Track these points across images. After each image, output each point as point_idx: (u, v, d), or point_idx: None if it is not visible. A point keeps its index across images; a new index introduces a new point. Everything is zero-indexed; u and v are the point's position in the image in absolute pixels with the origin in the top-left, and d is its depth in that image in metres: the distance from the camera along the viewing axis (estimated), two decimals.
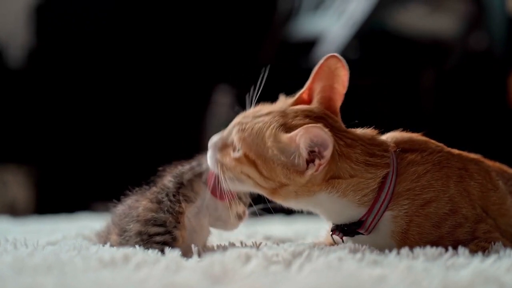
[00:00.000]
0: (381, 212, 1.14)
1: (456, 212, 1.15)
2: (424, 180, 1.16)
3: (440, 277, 0.90)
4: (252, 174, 1.14)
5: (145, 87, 4.12)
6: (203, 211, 1.24)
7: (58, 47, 4.09)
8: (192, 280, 0.88)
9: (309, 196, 1.15)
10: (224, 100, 4.03)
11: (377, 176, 1.14)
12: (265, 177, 1.14)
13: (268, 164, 1.13)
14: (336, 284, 0.86)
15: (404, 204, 1.14)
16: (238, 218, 1.26)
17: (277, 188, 1.15)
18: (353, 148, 1.15)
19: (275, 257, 1.04)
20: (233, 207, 1.23)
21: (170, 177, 1.25)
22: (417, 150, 1.19)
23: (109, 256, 1.04)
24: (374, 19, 3.31)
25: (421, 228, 1.14)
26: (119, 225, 1.25)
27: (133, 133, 4.06)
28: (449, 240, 1.14)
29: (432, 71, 3.49)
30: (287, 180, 1.13)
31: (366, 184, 1.14)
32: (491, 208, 1.21)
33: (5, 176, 3.94)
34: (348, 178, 1.13)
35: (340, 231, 1.19)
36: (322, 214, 1.21)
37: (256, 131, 1.15)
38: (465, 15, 3.41)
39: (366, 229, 1.16)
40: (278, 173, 1.13)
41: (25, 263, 1.00)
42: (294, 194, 1.15)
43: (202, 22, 4.16)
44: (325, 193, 1.14)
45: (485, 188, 1.21)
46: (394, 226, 1.15)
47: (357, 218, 1.16)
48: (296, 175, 1.12)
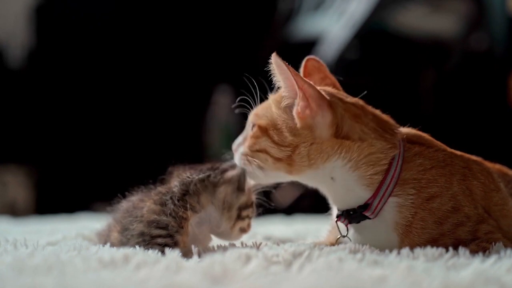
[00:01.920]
0: (388, 193, 1.16)
1: (459, 210, 1.16)
2: (429, 174, 1.17)
3: (441, 277, 0.90)
4: (267, 146, 1.20)
5: (145, 88, 4.12)
6: (206, 223, 1.24)
7: (58, 48, 4.10)
8: (192, 281, 0.88)
9: (322, 161, 1.17)
10: (224, 100, 4.03)
11: (388, 154, 1.17)
12: (276, 143, 1.19)
13: (276, 128, 1.20)
14: (336, 284, 0.85)
15: (410, 193, 1.16)
16: (241, 231, 1.26)
17: (291, 155, 1.18)
18: (365, 114, 1.21)
19: (275, 257, 1.04)
20: (237, 225, 1.24)
21: (177, 183, 1.24)
22: (423, 145, 1.22)
23: (109, 256, 1.03)
24: (374, 19, 3.31)
25: (425, 222, 1.15)
26: (121, 223, 1.25)
27: (133, 133, 4.06)
28: (450, 238, 1.15)
29: (432, 72, 3.48)
30: (294, 137, 1.18)
31: (377, 159, 1.17)
32: (494, 209, 1.21)
33: (5, 177, 3.94)
34: (357, 140, 1.17)
35: (345, 217, 1.21)
36: (332, 193, 1.22)
37: (265, 105, 1.26)
38: (466, 15, 3.40)
39: (373, 211, 1.17)
40: (285, 134, 1.19)
41: (25, 264, 1.00)
42: (307, 160, 1.17)
43: (202, 22, 4.16)
44: (337, 160, 1.16)
45: (488, 188, 1.22)
46: (399, 217, 1.16)
47: (363, 201, 1.18)
48: (301, 129, 1.17)
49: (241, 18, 4.22)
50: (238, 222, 1.24)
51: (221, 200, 1.23)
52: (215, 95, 4.11)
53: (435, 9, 3.40)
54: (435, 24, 3.40)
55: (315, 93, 1.16)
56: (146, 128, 4.06)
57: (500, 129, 3.39)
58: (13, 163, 3.99)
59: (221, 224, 1.24)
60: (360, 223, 1.20)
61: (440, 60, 3.51)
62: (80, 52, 4.07)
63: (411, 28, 3.38)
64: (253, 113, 1.26)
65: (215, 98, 4.10)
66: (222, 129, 3.95)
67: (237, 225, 1.24)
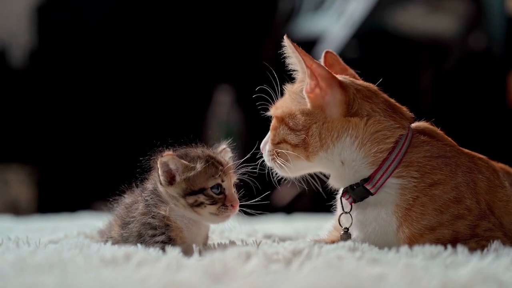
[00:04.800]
0: (390, 170, 1.18)
1: (460, 201, 1.16)
2: (435, 162, 1.19)
3: (439, 275, 0.90)
4: (285, 134, 1.24)
5: (146, 87, 4.12)
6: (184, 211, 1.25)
7: (59, 47, 4.10)
8: (192, 279, 0.88)
9: (333, 140, 1.20)
10: (225, 100, 4.04)
11: (395, 133, 1.20)
12: (292, 128, 1.23)
13: (291, 114, 1.25)
14: (335, 282, 0.86)
15: (414, 176, 1.17)
16: (218, 215, 1.23)
17: (305, 138, 1.21)
18: (377, 96, 1.25)
19: (275, 255, 1.04)
20: (199, 210, 1.22)
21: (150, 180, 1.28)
22: (433, 137, 1.24)
23: (111, 254, 1.04)
24: (373, 19, 3.31)
25: (425, 208, 1.16)
26: (122, 217, 1.27)
27: (134, 132, 4.06)
28: (448, 229, 1.15)
29: (431, 71, 3.49)
30: (307, 117, 1.22)
31: (384, 136, 1.19)
32: (498, 205, 1.21)
33: (7, 176, 3.95)
34: (365, 117, 1.20)
35: (350, 194, 1.22)
36: (341, 178, 1.24)
37: (282, 98, 1.30)
38: (464, 15, 3.41)
39: (374, 185, 1.18)
40: (298, 116, 1.23)
41: (27, 262, 1.00)
42: (319, 141, 1.21)
43: (203, 22, 4.16)
44: (346, 138, 1.20)
45: (492, 184, 1.22)
46: (400, 199, 1.17)
47: (363, 177, 1.20)
48: (312, 108, 1.21)
49: (242, 18, 4.22)
50: (199, 209, 1.22)
51: (163, 192, 1.24)
52: (216, 94, 4.11)
53: (434, 8, 3.40)
54: (434, 23, 3.40)
55: (324, 72, 1.20)
56: (147, 127, 4.06)
57: (498, 128, 3.39)
58: (15, 162, 3.99)
59: (184, 212, 1.24)
60: (364, 202, 1.21)
61: (439, 59, 3.51)
62: (81, 52, 4.08)
63: (410, 28, 3.39)
64: (272, 107, 1.30)
65: (216, 97, 4.10)
66: (222, 127, 3.95)
67: (200, 210, 1.22)
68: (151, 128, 4.05)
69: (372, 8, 3.24)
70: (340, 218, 1.27)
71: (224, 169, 1.24)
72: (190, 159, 1.24)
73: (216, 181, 1.23)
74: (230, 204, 1.23)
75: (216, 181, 1.23)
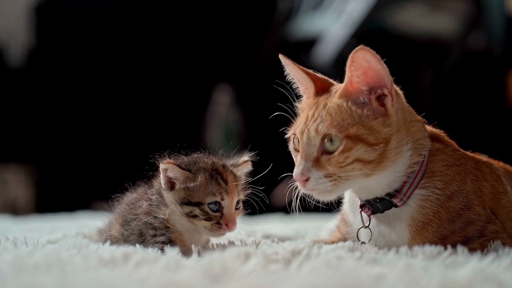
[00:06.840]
0: (417, 181, 1.14)
1: (470, 208, 1.16)
2: (451, 171, 1.17)
3: (439, 275, 0.90)
4: (361, 152, 1.11)
5: (145, 87, 4.12)
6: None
7: (58, 47, 4.09)
8: (191, 279, 0.88)
9: (401, 149, 1.13)
10: (224, 99, 4.04)
11: (427, 142, 1.17)
12: (372, 144, 1.11)
13: (367, 126, 1.11)
14: (335, 282, 0.86)
15: (438, 186, 1.15)
16: (212, 230, 1.21)
17: (383, 152, 1.11)
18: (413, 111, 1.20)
19: (274, 255, 1.04)
20: (196, 222, 1.21)
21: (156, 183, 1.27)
22: (443, 143, 1.22)
23: (109, 254, 1.04)
24: (373, 18, 3.31)
25: (441, 221, 1.14)
26: (123, 216, 1.27)
27: (133, 132, 4.06)
28: (460, 236, 1.14)
29: (431, 71, 3.49)
30: (388, 128, 1.12)
31: (421, 146, 1.16)
32: (501, 211, 1.22)
33: (5, 175, 3.94)
34: (410, 123, 1.16)
35: (369, 207, 1.19)
36: (368, 184, 1.17)
37: (332, 111, 1.14)
38: (464, 14, 3.41)
39: (402, 198, 1.15)
40: (377, 127, 1.11)
41: (26, 262, 1.00)
42: (395, 150, 1.12)
43: (202, 22, 4.16)
44: (407, 144, 1.14)
45: (496, 191, 1.23)
46: (417, 211, 1.14)
47: (391, 190, 1.16)
48: (391, 117, 1.12)
49: (241, 18, 4.22)
50: (194, 220, 1.20)
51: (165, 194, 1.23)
52: (215, 94, 4.11)
53: (433, 8, 3.40)
54: (433, 23, 3.40)
55: (391, 78, 1.14)
56: (146, 127, 4.06)
57: (498, 127, 3.39)
58: (14, 162, 3.99)
59: (181, 219, 1.22)
60: (382, 215, 1.18)
61: (439, 59, 3.51)
62: (80, 51, 4.07)
63: (409, 27, 3.39)
64: (327, 126, 1.13)
65: (215, 97, 4.10)
66: (221, 127, 3.95)
67: (195, 221, 1.21)
68: (150, 128, 4.05)
69: (371, 8, 3.24)
70: (358, 232, 1.22)
71: (226, 188, 1.21)
72: (196, 169, 1.22)
73: (215, 198, 1.20)
74: (225, 224, 1.21)
75: (214, 199, 1.20)
